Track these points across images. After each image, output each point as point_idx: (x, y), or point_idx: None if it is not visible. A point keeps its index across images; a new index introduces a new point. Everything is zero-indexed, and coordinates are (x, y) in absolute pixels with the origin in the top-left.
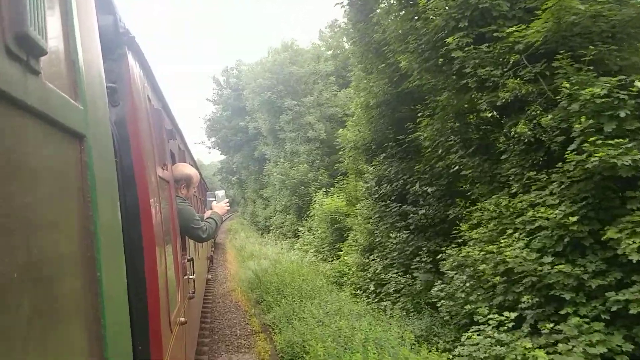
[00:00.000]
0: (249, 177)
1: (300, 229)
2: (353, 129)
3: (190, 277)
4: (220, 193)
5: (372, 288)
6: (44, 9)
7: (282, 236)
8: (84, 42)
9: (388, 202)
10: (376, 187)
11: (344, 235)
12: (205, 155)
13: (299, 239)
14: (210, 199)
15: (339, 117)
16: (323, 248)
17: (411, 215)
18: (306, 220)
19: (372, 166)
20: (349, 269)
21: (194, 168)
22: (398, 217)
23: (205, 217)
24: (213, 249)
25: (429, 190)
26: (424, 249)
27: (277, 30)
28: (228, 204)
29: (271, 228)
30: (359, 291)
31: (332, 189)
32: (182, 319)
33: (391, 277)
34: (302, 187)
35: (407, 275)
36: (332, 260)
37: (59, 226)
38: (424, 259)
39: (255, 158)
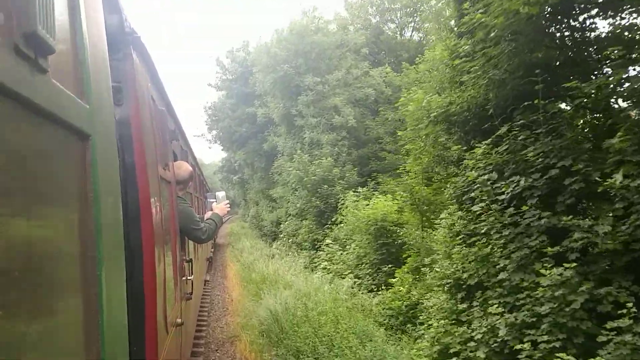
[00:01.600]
0: (253, 175)
1: (321, 238)
2: (430, 92)
3: (189, 278)
4: (221, 194)
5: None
6: (52, 9)
7: (296, 247)
8: (91, 41)
9: (520, 207)
10: (490, 183)
11: (397, 254)
12: (206, 154)
13: (320, 252)
14: (211, 200)
15: (371, 102)
16: (362, 270)
17: (576, 233)
18: (330, 228)
19: (481, 146)
20: (407, 306)
21: (191, 167)
22: (544, 236)
23: (205, 218)
24: (212, 250)
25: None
26: (610, 301)
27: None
28: (229, 205)
29: (281, 235)
30: None
31: (361, 189)
32: (179, 320)
33: (530, 351)
34: (326, 187)
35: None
36: (377, 290)
37: (61, 224)
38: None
39: (263, 153)
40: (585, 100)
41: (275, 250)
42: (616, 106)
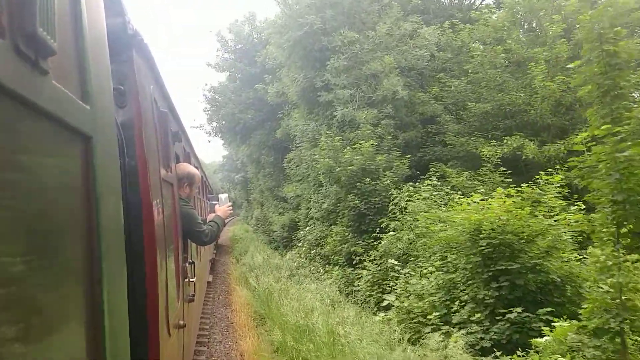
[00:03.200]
0: (258, 173)
1: (361, 251)
2: None
3: (191, 280)
4: (224, 196)
5: None
6: (54, 10)
7: (321, 260)
8: (92, 43)
9: None
10: None
11: (529, 290)
12: (205, 154)
13: (363, 271)
14: (214, 202)
15: (423, 68)
16: (456, 313)
17: None
18: (377, 239)
19: None
20: None
21: (197, 169)
22: None
23: (207, 220)
24: (215, 252)
25: None
26: None
27: None
28: (231, 207)
29: (299, 244)
30: None
31: (419, 184)
32: (181, 322)
33: None
34: (368, 180)
35: None
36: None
37: (62, 227)
38: None
39: (271, 145)
40: None
41: (290, 261)
42: None
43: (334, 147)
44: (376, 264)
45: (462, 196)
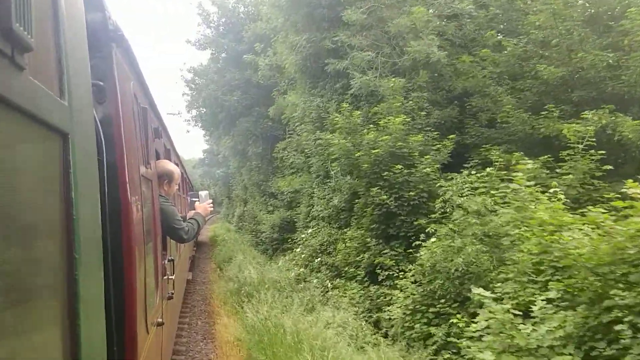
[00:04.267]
0: (242, 167)
1: (390, 263)
2: None
3: (170, 277)
4: (204, 193)
5: None
6: (30, 4)
7: (328, 270)
8: (70, 38)
9: None
10: None
11: None
12: (186, 151)
13: (396, 291)
14: (194, 199)
15: (465, 24)
16: None
17: None
18: (415, 248)
19: None
20: None
21: (177, 165)
22: None
23: (188, 218)
24: (195, 249)
25: None
26: None
27: None
28: (212, 205)
29: (298, 249)
30: None
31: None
32: (160, 320)
33: None
34: (399, 168)
35: None
36: None
37: (37, 225)
38: None
39: (259, 134)
40: None
41: (286, 272)
42: None
43: (352, 125)
44: (417, 283)
45: (542, 192)
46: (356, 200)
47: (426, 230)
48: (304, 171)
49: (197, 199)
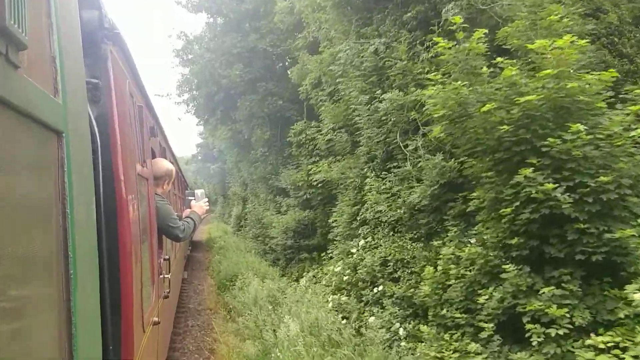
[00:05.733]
0: (240, 161)
1: (549, 309)
2: None
3: (166, 276)
4: (200, 192)
5: None
6: (25, 3)
7: (399, 308)
8: (65, 37)
9: None
10: None
11: None
12: (179, 148)
13: None
14: (190, 198)
15: None
16: None
17: None
18: (609, 287)
19: None
20: None
21: (172, 164)
22: None
23: (183, 217)
24: (190, 247)
25: None
26: None
27: None
28: (207, 204)
29: (331, 266)
30: None
31: None
32: (156, 319)
33: None
34: (581, 132)
35: None
36: None
37: (31, 223)
38: None
39: (266, 115)
40: None
41: (322, 303)
42: None
43: (468, 60)
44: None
45: None
46: (463, 195)
47: (630, 250)
48: (345, 154)
49: (193, 198)
